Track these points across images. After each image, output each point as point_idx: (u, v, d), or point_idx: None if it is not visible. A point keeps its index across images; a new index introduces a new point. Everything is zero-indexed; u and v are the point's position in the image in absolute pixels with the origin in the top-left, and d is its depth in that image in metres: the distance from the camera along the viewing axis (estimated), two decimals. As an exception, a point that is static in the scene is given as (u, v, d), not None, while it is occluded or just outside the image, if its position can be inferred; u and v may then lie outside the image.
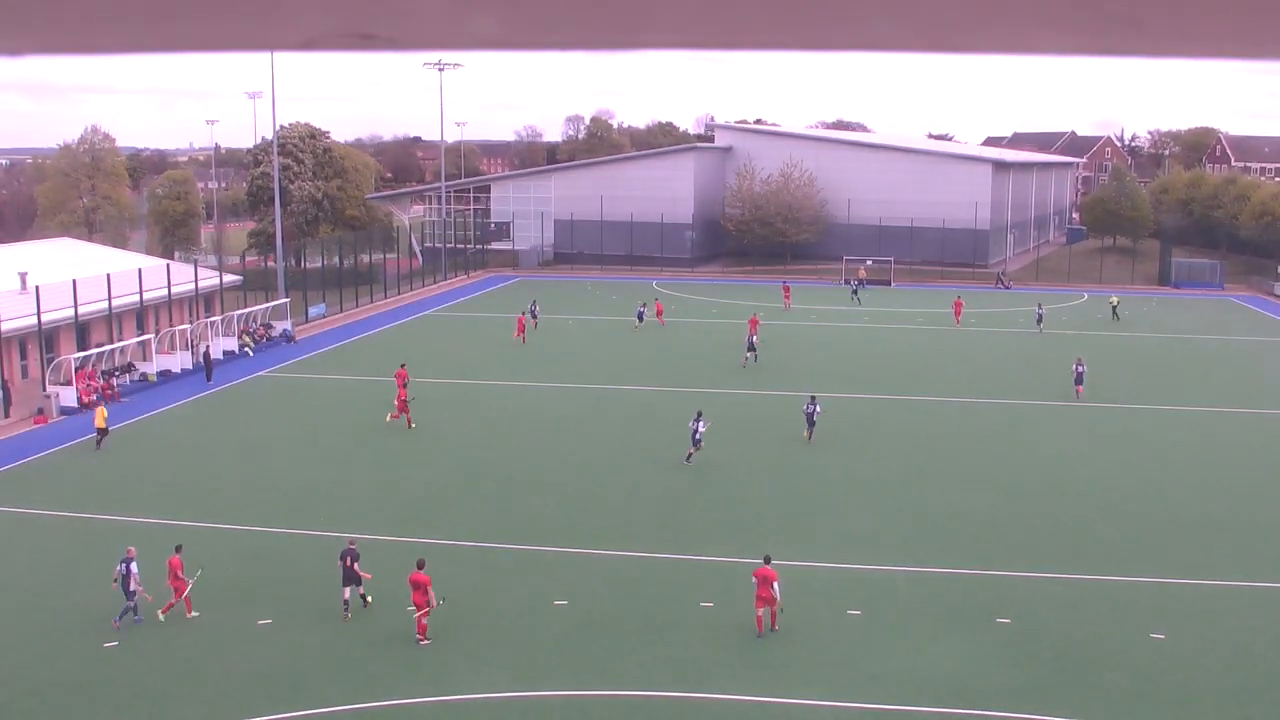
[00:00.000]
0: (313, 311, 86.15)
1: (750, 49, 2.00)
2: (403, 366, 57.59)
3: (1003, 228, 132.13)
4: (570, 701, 27.93)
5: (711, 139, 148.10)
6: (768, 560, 32.51)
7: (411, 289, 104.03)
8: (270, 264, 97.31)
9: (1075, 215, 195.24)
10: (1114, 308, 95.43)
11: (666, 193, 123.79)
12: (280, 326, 78.17)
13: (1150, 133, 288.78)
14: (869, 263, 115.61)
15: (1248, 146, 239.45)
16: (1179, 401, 62.72)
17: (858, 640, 31.39)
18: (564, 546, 38.13)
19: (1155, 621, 32.76)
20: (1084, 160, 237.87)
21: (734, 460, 49.02)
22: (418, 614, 30.77)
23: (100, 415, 51.24)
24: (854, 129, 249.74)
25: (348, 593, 32.49)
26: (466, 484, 45.45)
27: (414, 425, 53.30)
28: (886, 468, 48.66)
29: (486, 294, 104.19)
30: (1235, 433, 56.34)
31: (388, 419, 54.58)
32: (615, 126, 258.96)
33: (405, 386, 54.89)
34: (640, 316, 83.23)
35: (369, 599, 32.88)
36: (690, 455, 48.08)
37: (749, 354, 70.02)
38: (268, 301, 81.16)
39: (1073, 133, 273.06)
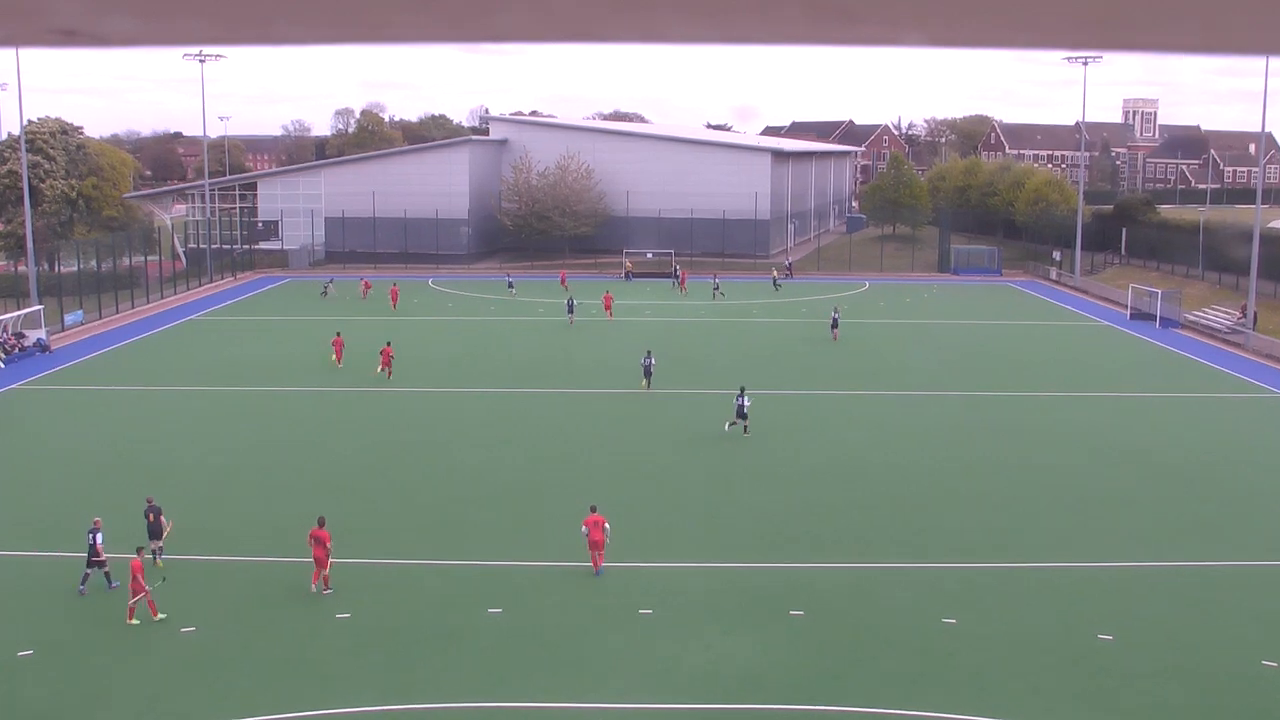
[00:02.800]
0: (69, 319, 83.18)
1: (526, 41, 1.99)
2: (388, 344, 66.01)
3: (783, 217, 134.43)
4: (359, 717, 27.54)
5: (486, 132, 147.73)
6: (594, 509, 36.36)
7: (176, 292, 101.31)
8: (21, 268, 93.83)
9: (855, 204, 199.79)
10: (774, 279, 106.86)
11: (441, 187, 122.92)
12: (34, 335, 75.16)
13: (926, 120, 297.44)
14: (649, 255, 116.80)
15: (1020, 134, 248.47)
16: (961, 386, 64.66)
17: (650, 639, 31.56)
18: (339, 558, 37.55)
19: (946, 606, 33.70)
20: (862, 149, 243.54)
21: (518, 460, 49.13)
22: (322, 570, 34.17)
23: None
24: (632, 120, 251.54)
25: (155, 545, 36.04)
26: (229, 495, 44.44)
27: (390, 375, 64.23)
28: (673, 463, 49.15)
29: (256, 296, 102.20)
30: (1017, 415, 58.21)
31: (382, 372, 64.43)
32: (386, 120, 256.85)
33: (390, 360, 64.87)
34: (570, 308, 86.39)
35: (160, 561, 35.27)
36: (734, 424, 52.48)
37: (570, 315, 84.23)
38: (19, 309, 78.17)
39: (850, 121, 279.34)
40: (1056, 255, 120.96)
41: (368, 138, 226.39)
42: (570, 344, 77.20)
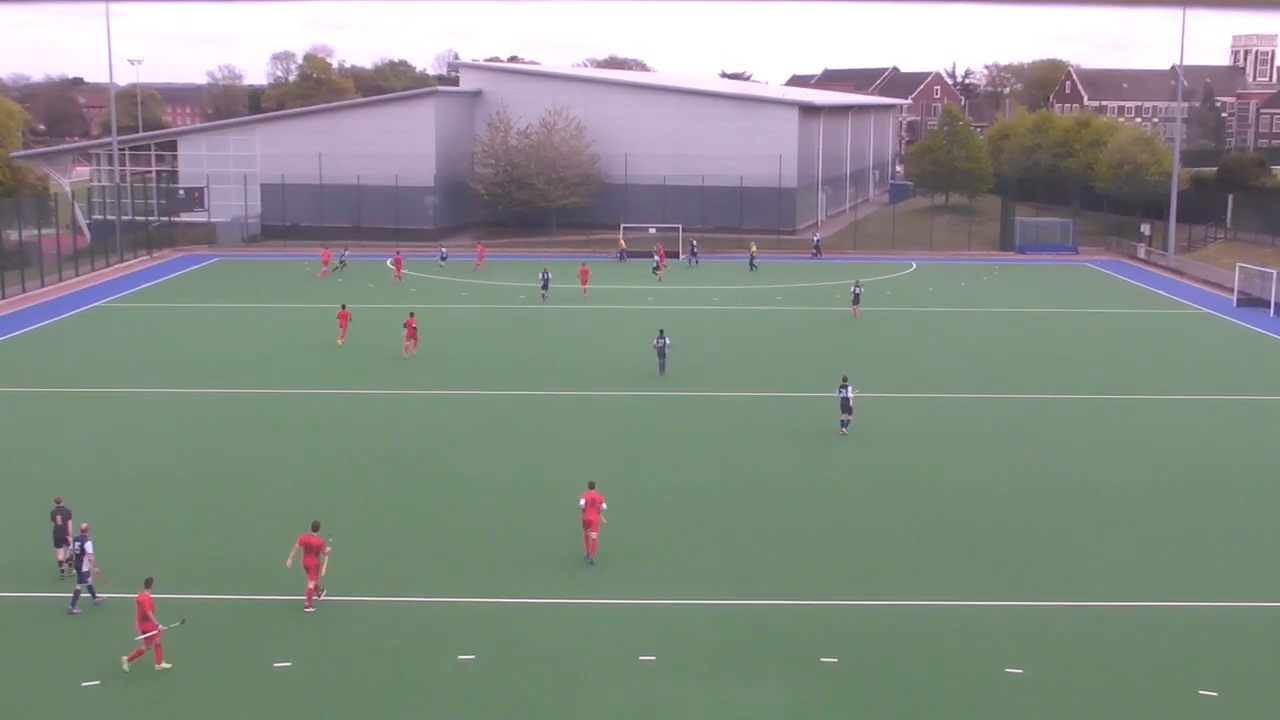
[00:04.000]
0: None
1: None
2: (411, 316, 71.91)
3: (813, 185, 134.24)
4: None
5: (456, 81, 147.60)
6: (592, 486, 40.20)
7: (78, 274, 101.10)
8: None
9: (899, 168, 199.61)
10: (751, 258, 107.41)
11: (402, 149, 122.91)
12: (-96, 325, 75.21)
13: (987, 68, 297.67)
14: (653, 230, 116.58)
15: (1102, 82, 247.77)
16: (1032, 388, 64.51)
17: (652, 690, 31.37)
18: (278, 593, 37.37)
19: (1012, 653, 33.45)
20: (909, 102, 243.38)
21: (497, 476, 48.98)
22: (310, 582, 36.10)
23: None
24: (630, 68, 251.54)
25: (61, 553, 37.93)
26: (146, 519, 44.20)
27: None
28: (671, 476, 48.91)
29: (178, 278, 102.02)
30: (1100, 424, 57.97)
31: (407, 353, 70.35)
32: (335, 66, 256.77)
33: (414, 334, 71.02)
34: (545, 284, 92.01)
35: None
36: (846, 423, 55.19)
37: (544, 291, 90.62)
38: (-113, 294, 78.06)
39: (894, 69, 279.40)
40: (1145, 229, 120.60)
41: (312, 88, 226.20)
42: (559, 336, 77.12)
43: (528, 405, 60.34)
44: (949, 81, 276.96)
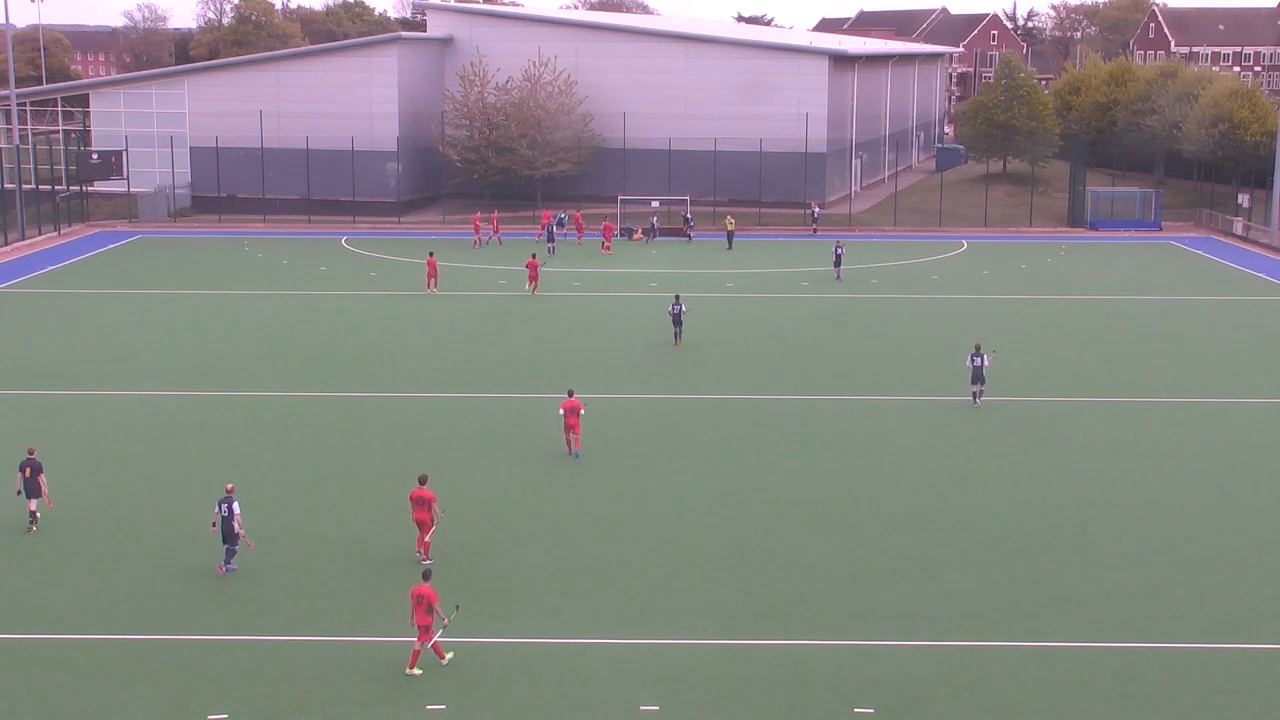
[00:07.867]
0: None
1: None
2: (533, 257, 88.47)
3: (845, 149, 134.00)
4: None
5: (423, 26, 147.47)
6: (571, 394, 52.49)
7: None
8: None
9: (948, 129, 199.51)
10: (729, 235, 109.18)
11: (359, 107, 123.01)
12: None
13: (1054, 7, 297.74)
14: (656, 204, 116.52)
15: (1194, 23, 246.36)
16: (1096, 392, 64.48)
17: (658, 748, 31.57)
18: (215, 633, 37.49)
19: (1083, 702, 33.34)
20: (960, 50, 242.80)
21: (478, 495, 48.79)
22: (422, 535, 41.54)
23: None
24: (631, 11, 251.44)
25: (33, 504, 44.05)
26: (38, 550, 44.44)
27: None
28: (675, 495, 48.90)
29: (91, 259, 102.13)
30: (1191, 433, 57.77)
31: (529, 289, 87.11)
32: (279, 7, 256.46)
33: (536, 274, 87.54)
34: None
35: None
36: (977, 394, 61.17)
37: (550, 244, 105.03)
38: None
39: (944, 10, 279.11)
40: (1244, 200, 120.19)
41: (251, 33, 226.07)
42: (549, 330, 77.52)
43: (515, 410, 60.46)
44: (1008, 25, 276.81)
